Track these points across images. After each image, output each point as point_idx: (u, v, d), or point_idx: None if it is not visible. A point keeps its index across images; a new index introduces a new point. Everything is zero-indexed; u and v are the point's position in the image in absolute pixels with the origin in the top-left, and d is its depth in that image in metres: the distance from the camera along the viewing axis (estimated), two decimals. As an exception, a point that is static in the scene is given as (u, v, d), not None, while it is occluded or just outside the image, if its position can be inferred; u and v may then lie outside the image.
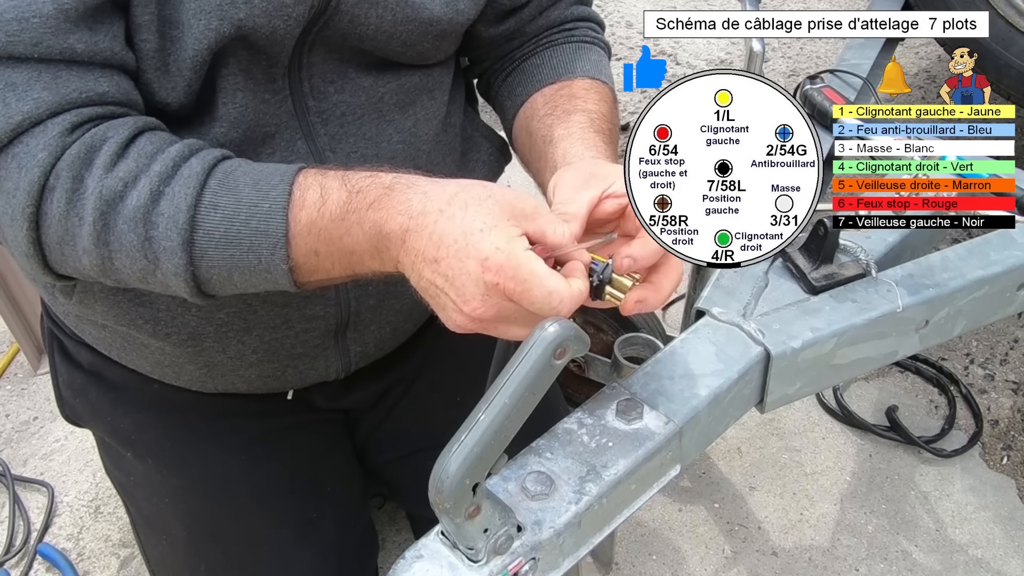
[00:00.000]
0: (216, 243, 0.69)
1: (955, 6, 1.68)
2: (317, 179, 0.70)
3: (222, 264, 0.70)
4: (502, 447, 0.58)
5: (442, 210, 0.63)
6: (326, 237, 0.69)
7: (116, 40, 0.71)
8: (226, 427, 1.04)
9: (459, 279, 0.62)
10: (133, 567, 1.39)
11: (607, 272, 0.67)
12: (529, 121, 0.93)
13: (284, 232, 0.68)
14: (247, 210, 0.69)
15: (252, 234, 0.69)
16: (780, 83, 1.27)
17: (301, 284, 0.72)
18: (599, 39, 1.03)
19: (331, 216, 0.68)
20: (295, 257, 0.69)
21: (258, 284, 0.72)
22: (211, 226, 0.69)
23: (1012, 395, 1.61)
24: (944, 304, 0.87)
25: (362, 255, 0.69)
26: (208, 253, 0.69)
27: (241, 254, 0.69)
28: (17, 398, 1.68)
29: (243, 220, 0.69)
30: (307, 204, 0.69)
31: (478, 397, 0.57)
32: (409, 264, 0.66)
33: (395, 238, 0.65)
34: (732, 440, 1.55)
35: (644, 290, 0.67)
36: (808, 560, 1.37)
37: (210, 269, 0.70)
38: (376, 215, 0.66)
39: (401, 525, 1.42)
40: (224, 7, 0.72)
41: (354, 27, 0.80)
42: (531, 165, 0.92)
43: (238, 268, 0.70)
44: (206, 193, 0.69)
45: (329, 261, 0.70)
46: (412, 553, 0.62)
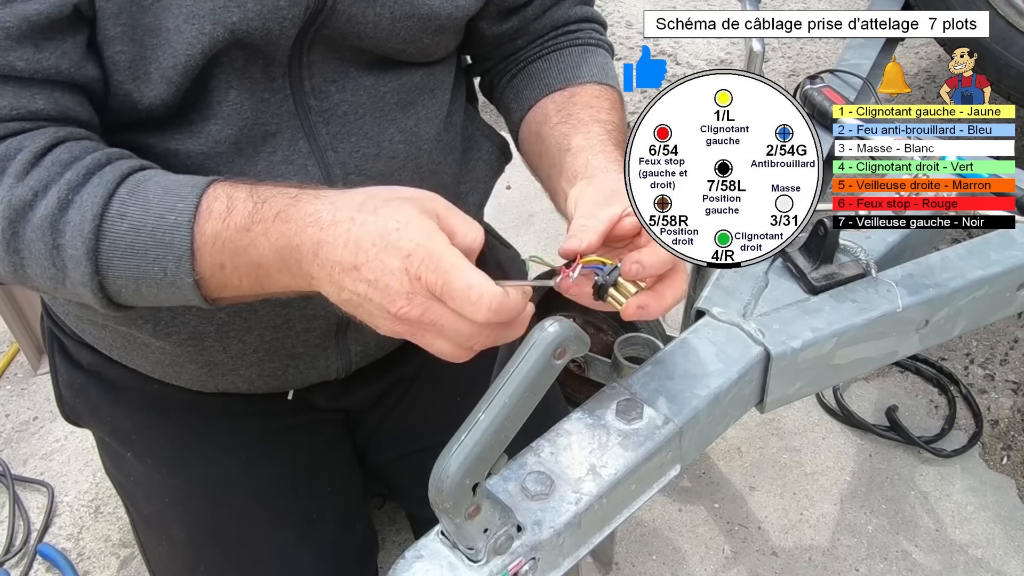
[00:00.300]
0: (122, 253, 0.67)
1: (955, 6, 1.68)
2: (226, 190, 0.68)
3: (128, 275, 0.68)
4: (502, 447, 0.58)
5: (353, 217, 0.63)
6: (231, 249, 0.67)
7: (64, 57, 0.70)
8: (226, 427, 1.04)
9: (383, 280, 0.61)
10: (133, 567, 1.39)
11: (614, 275, 0.67)
12: (540, 127, 0.92)
13: (189, 244, 0.66)
14: (154, 221, 0.67)
15: (157, 246, 0.67)
16: (780, 83, 1.27)
17: (212, 300, 0.70)
18: (603, 41, 1.03)
19: (236, 227, 0.66)
20: (201, 270, 0.68)
21: (169, 298, 0.71)
22: (117, 236, 0.67)
23: (1012, 395, 1.61)
24: (944, 304, 0.87)
25: (269, 268, 0.67)
26: (114, 263, 0.68)
27: (147, 265, 0.68)
28: (17, 398, 1.68)
29: (149, 231, 0.67)
30: (213, 215, 0.67)
31: (478, 397, 0.57)
32: (326, 277, 0.64)
33: (306, 251, 0.64)
34: (732, 440, 1.55)
35: (647, 297, 0.67)
36: (808, 560, 1.37)
37: (117, 280, 0.69)
38: (283, 227, 0.65)
39: (401, 525, 1.42)
40: (217, 11, 0.72)
41: (352, 26, 0.80)
42: (541, 170, 0.91)
43: (145, 280, 0.69)
44: (114, 202, 0.67)
45: (236, 275, 0.68)
46: (412, 553, 0.62)
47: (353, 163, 0.86)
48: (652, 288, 0.68)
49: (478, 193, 1.04)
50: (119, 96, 0.75)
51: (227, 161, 0.79)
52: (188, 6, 0.72)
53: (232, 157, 0.79)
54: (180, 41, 0.72)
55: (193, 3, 0.72)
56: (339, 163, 0.85)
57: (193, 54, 0.73)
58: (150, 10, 0.72)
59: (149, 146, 0.78)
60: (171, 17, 0.72)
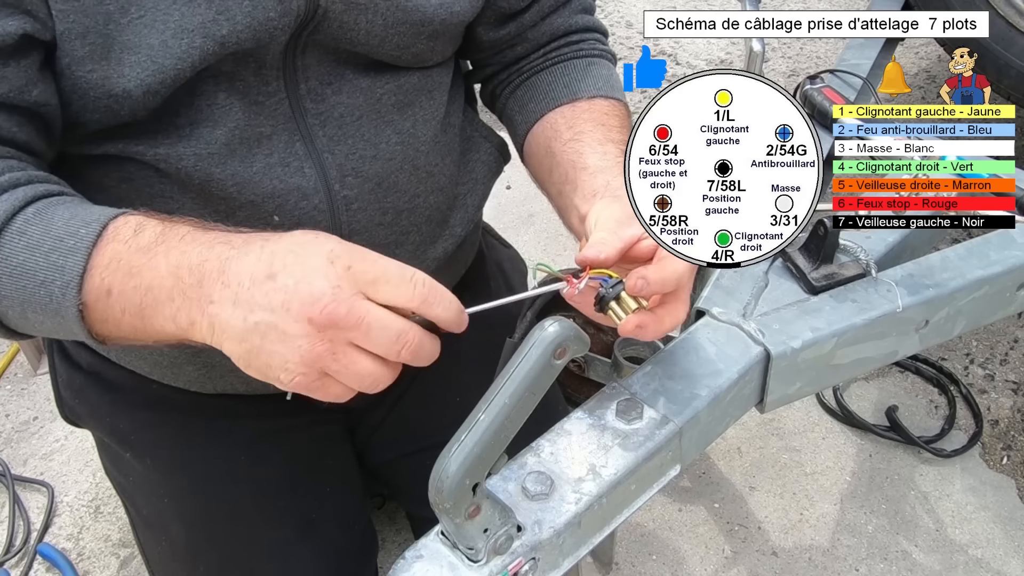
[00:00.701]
0: (11, 271, 0.64)
1: (955, 6, 1.68)
2: (138, 217, 0.66)
3: (15, 296, 0.65)
4: (502, 447, 0.58)
5: (267, 238, 0.62)
6: (125, 269, 0.63)
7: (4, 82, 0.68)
8: (225, 427, 1.04)
9: (306, 279, 0.58)
10: (133, 567, 1.39)
11: (617, 288, 0.67)
12: (550, 142, 0.92)
13: (80, 270, 0.63)
14: (51, 242, 0.64)
15: (49, 268, 0.64)
16: (780, 83, 1.27)
17: (96, 335, 0.66)
18: (606, 51, 1.03)
19: (138, 247, 0.63)
20: (86, 296, 0.63)
21: (54, 328, 0.67)
22: (11, 252, 0.64)
23: (1012, 395, 1.61)
24: (944, 304, 0.87)
25: (158, 294, 0.62)
26: (2, 281, 0.65)
27: (34, 287, 0.64)
28: (17, 398, 1.68)
29: (44, 252, 0.64)
30: (118, 237, 0.64)
31: (478, 397, 0.57)
32: (229, 299, 0.59)
33: (211, 267, 0.60)
34: (732, 440, 1.55)
35: (647, 317, 0.67)
36: (808, 560, 1.37)
37: (3, 299, 0.66)
38: (188, 246, 0.62)
39: (401, 525, 1.42)
40: (207, 25, 0.72)
41: (344, 32, 0.80)
42: (551, 186, 0.91)
43: (31, 304, 0.65)
44: (17, 219, 0.65)
45: (120, 302, 0.64)
46: (412, 553, 0.62)
47: (350, 165, 0.86)
48: (653, 310, 0.68)
49: (476, 194, 1.04)
50: (99, 109, 0.74)
51: (220, 163, 0.79)
52: (175, 21, 0.71)
53: (224, 159, 0.79)
54: (167, 56, 0.71)
55: (180, 18, 0.71)
56: (336, 165, 0.85)
57: (182, 68, 0.72)
58: (128, 28, 0.71)
59: (138, 152, 0.78)
60: (154, 33, 0.71)
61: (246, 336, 0.59)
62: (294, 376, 0.59)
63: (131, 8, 0.71)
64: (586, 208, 0.78)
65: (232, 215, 0.82)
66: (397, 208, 0.91)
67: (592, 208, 0.76)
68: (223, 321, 0.60)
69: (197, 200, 0.81)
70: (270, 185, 0.82)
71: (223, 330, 0.60)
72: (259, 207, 0.82)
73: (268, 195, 0.82)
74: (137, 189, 0.81)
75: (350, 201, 0.86)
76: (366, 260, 0.60)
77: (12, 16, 0.67)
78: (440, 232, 0.99)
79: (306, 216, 0.84)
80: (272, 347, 0.59)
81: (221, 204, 0.81)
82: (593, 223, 0.74)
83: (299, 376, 0.59)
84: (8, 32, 0.67)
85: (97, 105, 0.73)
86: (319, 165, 0.84)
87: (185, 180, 0.79)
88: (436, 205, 0.96)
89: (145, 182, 0.81)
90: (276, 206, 0.83)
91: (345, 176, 0.86)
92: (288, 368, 0.59)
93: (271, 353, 0.59)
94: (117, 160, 0.79)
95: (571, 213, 0.84)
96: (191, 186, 0.80)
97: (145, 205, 0.82)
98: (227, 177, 0.80)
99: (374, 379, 0.61)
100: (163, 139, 0.77)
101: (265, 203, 0.82)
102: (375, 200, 0.88)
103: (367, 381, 0.60)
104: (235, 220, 0.83)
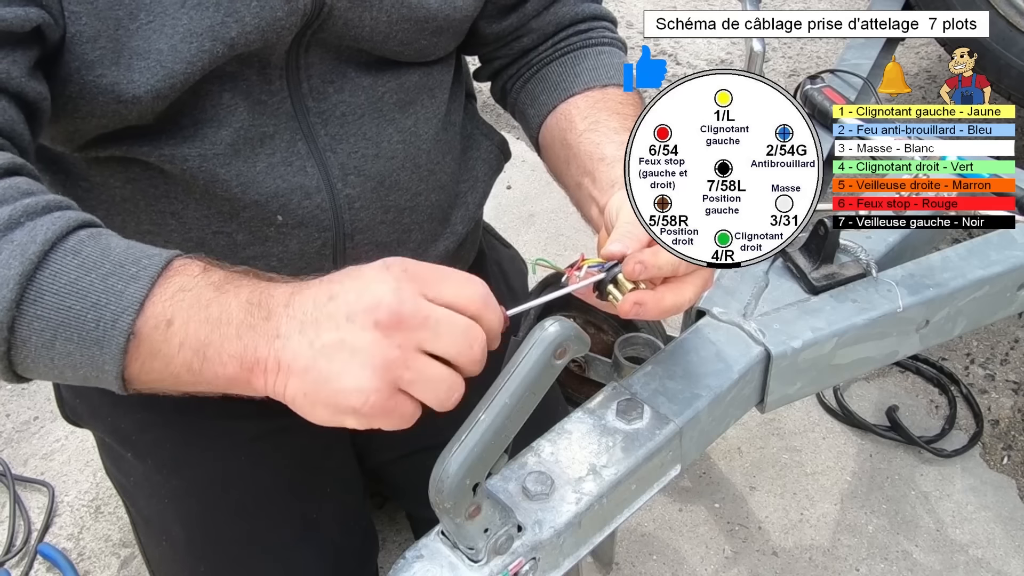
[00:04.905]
0: (59, 289, 0.58)
1: (955, 6, 1.68)
2: (204, 260, 0.63)
3: (52, 318, 0.58)
4: (502, 447, 0.58)
5: (331, 278, 0.60)
6: (192, 301, 0.59)
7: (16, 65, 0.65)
8: (226, 428, 1.04)
9: (365, 289, 0.57)
10: (133, 567, 1.39)
11: (614, 271, 0.67)
12: (565, 134, 0.91)
13: (142, 296, 0.58)
14: (111, 266, 0.59)
15: (105, 291, 0.58)
16: (780, 83, 1.27)
17: (128, 375, 0.60)
18: (616, 39, 1.02)
19: (208, 282, 0.61)
20: (141, 326, 0.58)
21: (79, 363, 0.60)
22: (61, 269, 0.58)
23: (1012, 395, 1.61)
24: (944, 304, 0.87)
25: (226, 330, 0.59)
26: (45, 299, 0.58)
27: (82, 309, 0.58)
28: (17, 398, 1.68)
29: (102, 275, 0.59)
30: (186, 271, 0.61)
31: (478, 397, 0.57)
32: (296, 328, 0.57)
33: (278, 301, 0.59)
34: (732, 440, 1.55)
35: (645, 295, 0.67)
36: (808, 560, 1.37)
37: (35, 320, 0.58)
38: (255, 285, 0.61)
39: (401, 525, 1.42)
40: (216, 28, 0.72)
41: (349, 29, 0.80)
42: (568, 177, 0.90)
43: (68, 328, 0.58)
44: (71, 238, 0.60)
45: (180, 336, 0.59)
46: (412, 553, 0.62)
47: (352, 164, 0.86)
48: (654, 288, 0.68)
49: (477, 192, 1.04)
50: (107, 113, 0.73)
51: (224, 163, 0.79)
52: (184, 25, 0.71)
53: (229, 159, 0.79)
54: (177, 61, 0.71)
55: (189, 22, 0.71)
56: (338, 164, 0.85)
57: (192, 72, 0.72)
58: (138, 33, 0.70)
59: (143, 153, 0.78)
60: (163, 38, 0.71)
61: (313, 363, 0.57)
62: (368, 396, 0.56)
63: (140, 14, 0.71)
64: (604, 199, 0.78)
65: (236, 215, 0.82)
66: (399, 206, 0.91)
67: (611, 199, 0.76)
68: (291, 352, 0.57)
69: (201, 201, 0.81)
70: (273, 185, 0.82)
71: (289, 363, 0.57)
72: (263, 207, 0.82)
73: (271, 195, 0.82)
74: (142, 190, 0.81)
75: (352, 200, 0.86)
76: (421, 263, 0.59)
77: (32, 5, 0.67)
78: (441, 230, 0.99)
79: (309, 215, 0.84)
80: (341, 367, 0.56)
81: (225, 204, 0.82)
82: (614, 214, 0.73)
83: (374, 395, 0.56)
84: (30, 18, 0.66)
85: (105, 110, 0.73)
86: (321, 164, 0.84)
87: (190, 181, 0.79)
88: (437, 203, 0.96)
89: (150, 183, 0.81)
90: (279, 206, 0.83)
91: (347, 175, 0.86)
92: (362, 387, 0.56)
93: (340, 375, 0.56)
94: (122, 162, 0.79)
95: (589, 204, 0.83)
96: (195, 187, 0.80)
97: (150, 206, 0.83)
98: (232, 177, 0.80)
99: (448, 386, 0.58)
100: (168, 140, 0.77)
101: (269, 203, 0.82)
102: (377, 198, 0.88)
103: (442, 388, 0.57)
104: (239, 220, 0.83)
